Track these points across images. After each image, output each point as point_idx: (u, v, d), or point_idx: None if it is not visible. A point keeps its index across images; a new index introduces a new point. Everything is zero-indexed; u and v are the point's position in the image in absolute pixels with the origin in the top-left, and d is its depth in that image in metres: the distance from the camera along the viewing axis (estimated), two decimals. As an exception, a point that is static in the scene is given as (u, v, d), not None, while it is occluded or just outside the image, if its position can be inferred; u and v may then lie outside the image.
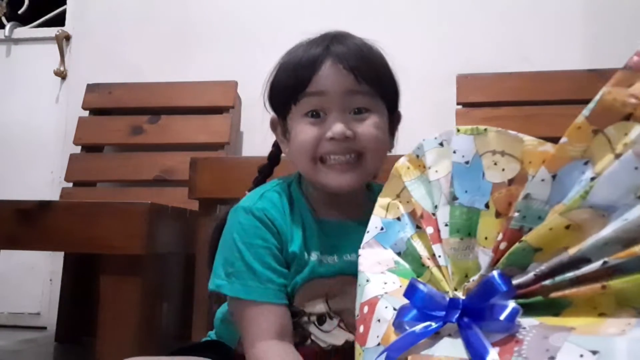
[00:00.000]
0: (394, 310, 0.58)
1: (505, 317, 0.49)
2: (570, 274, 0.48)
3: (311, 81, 0.72)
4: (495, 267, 0.53)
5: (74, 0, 2.30)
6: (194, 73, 2.04)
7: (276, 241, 0.73)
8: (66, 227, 1.18)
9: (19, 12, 2.45)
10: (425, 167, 0.65)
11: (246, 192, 0.82)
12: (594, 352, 0.43)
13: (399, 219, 0.66)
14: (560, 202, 0.51)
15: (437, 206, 0.61)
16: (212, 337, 0.88)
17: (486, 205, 0.57)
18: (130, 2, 2.20)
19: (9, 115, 2.25)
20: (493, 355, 0.48)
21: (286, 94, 0.75)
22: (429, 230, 0.61)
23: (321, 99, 0.72)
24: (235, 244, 0.73)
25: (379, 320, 0.59)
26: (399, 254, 0.65)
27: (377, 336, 0.58)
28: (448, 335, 0.53)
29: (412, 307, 0.55)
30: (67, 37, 2.25)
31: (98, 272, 1.19)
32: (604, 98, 0.50)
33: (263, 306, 0.71)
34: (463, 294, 0.55)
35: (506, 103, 1.82)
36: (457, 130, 0.62)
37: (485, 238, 0.56)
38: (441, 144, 0.63)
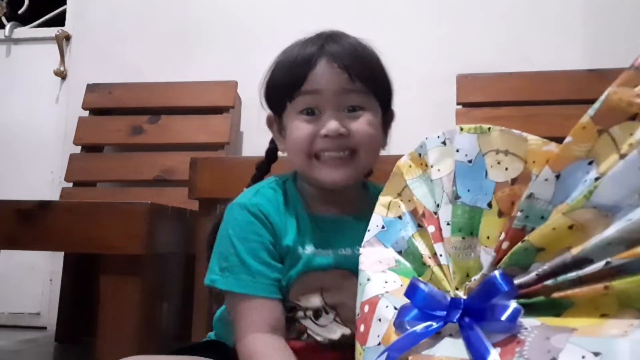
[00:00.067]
0: (394, 309, 0.58)
1: (506, 317, 0.49)
2: (573, 274, 0.48)
3: (306, 80, 0.73)
4: (497, 267, 0.53)
5: (74, 0, 2.30)
6: (194, 73, 2.04)
7: (270, 236, 0.74)
8: (66, 227, 1.18)
9: (19, 12, 2.45)
10: (427, 165, 0.64)
11: (244, 189, 0.82)
12: (596, 354, 0.43)
13: (400, 217, 0.66)
14: (563, 202, 0.51)
15: (439, 205, 0.61)
16: (211, 338, 0.88)
17: (489, 205, 0.57)
18: (130, 2, 2.19)
19: (9, 115, 2.25)
20: (494, 355, 0.47)
21: (282, 92, 0.76)
22: (431, 229, 0.61)
23: (316, 98, 0.74)
24: (230, 239, 0.74)
25: (380, 320, 0.58)
26: (400, 252, 0.64)
27: (378, 335, 0.58)
28: (449, 335, 0.53)
29: (413, 307, 0.55)
30: (67, 37, 2.25)
31: (98, 272, 1.19)
32: (609, 98, 0.50)
33: (255, 300, 0.72)
34: (464, 294, 0.55)
35: (506, 103, 1.82)
36: (461, 129, 0.61)
37: (488, 237, 0.56)
38: (444, 143, 0.63)
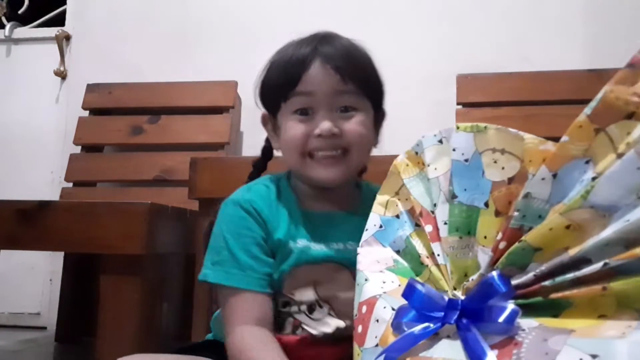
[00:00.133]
0: (392, 310, 0.57)
1: (504, 319, 0.48)
2: (571, 275, 0.47)
3: (300, 81, 0.75)
4: (495, 267, 0.53)
5: (74, 0, 2.30)
6: (194, 73, 2.04)
7: (262, 231, 0.76)
8: (66, 227, 1.18)
9: (19, 12, 2.45)
10: (424, 164, 0.64)
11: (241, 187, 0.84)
12: (594, 356, 0.42)
13: (397, 216, 0.65)
14: (561, 202, 0.50)
15: (436, 204, 0.61)
16: (210, 339, 0.88)
17: (486, 204, 0.56)
18: (130, 2, 2.20)
19: (9, 115, 2.25)
20: (491, 358, 0.47)
21: (276, 92, 0.78)
22: (428, 228, 0.61)
23: (309, 98, 0.76)
24: (222, 234, 0.76)
25: (378, 321, 0.58)
26: (398, 252, 0.64)
27: (376, 337, 0.58)
28: (447, 337, 0.53)
29: (411, 308, 0.55)
30: (67, 37, 2.25)
31: (98, 272, 1.19)
32: (606, 96, 0.49)
33: (244, 293, 0.73)
34: (462, 294, 0.55)
35: (506, 103, 1.82)
36: (457, 128, 0.61)
37: (485, 237, 0.55)
38: (440, 141, 0.63)
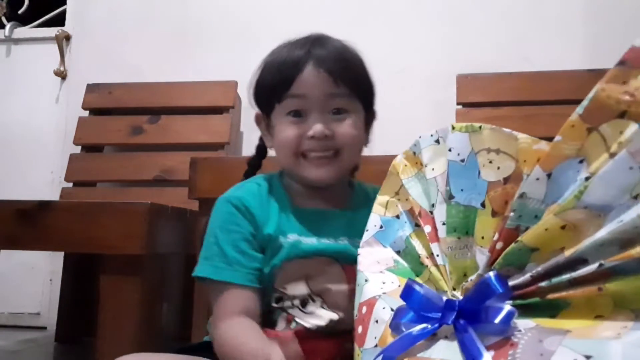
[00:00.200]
0: (391, 311, 0.57)
1: (500, 319, 0.48)
2: (567, 276, 0.47)
3: (294, 84, 0.77)
4: (492, 268, 0.52)
5: (74, 0, 2.30)
6: (194, 73, 2.04)
7: (251, 227, 0.78)
8: (66, 227, 1.18)
9: (19, 12, 2.44)
10: (422, 164, 0.64)
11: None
12: (588, 357, 0.42)
13: (397, 217, 0.65)
14: (556, 202, 0.50)
15: (434, 204, 0.61)
16: (208, 340, 0.88)
17: (482, 204, 0.56)
18: (130, 2, 2.19)
19: (9, 115, 2.25)
20: (487, 359, 0.47)
21: (270, 94, 0.81)
22: (427, 228, 0.61)
23: (303, 101, 0.78)
24: (212, 230, 0.79)
25: (377, 321, 0.58)
26: (398, 252, 0.64)
27: (375, 337, 0.58)
28: (444, 338, 0.53)
29: (409, 309, 0.55)
30: (67, 37, 2.24)
31: (98, 272, 1.19)
32: (597, 95, 0.49)
33: (231, 287, 0.76)
34: (461, 294, 0.55)
35: (506, 103, 1.82)
36: (453, 128, 0.61)
37: (482, 237, 0.55)
38: (437, 141, 0.63)
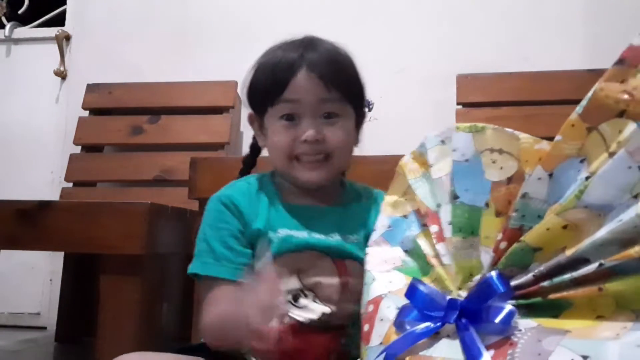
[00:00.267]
0: (396, 309, 0.58)
1: (500, 319, 0.48)
2: (568, 275, 0.47)
3: (287, 88, 0.79)
4: (496, 267, 0.52)
5: (74, 0, 2.30)
6: (194, 73, 2.04)
7: (239, 224, 0.80)
8: (66, 227, 1.18)
9: (19, 12, 2.45)
10: (428, 164, 0.64)
11: None
12: (585, 357, 0.42)
13: (405, 216, 0.66)
14: (558, 201, 0.50)
15: (440, 204, 0.61)
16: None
17: (486, 204, 0.56)
18: (130, 2, 2.19)
19: (9, 115, 2.25)
20: (486, 358, 0.47)
21: (264, 97, 0.82)
22: (433, 228, 0.61)
23: (295, 105, 0.80)
24: (203, 229, 0.81)
25: (382, 320, 0.59)
26: (406, 251, 0.64)
27: (380, 335, 0.58)
28: (447, 337, 0.53)
29: (413, 307, 0.55)
30: (67, 37, 2.24)
31: (98, 272, 1.19)
32: (596, 94, 0.49)
33: (218, 282, 0.77)
34: (467, 294, 0.55)
35: (506, 103, 1.82)
36: (457, 128, 0.61)
37: (487, 237, 0.55)
38: (443, 142, 0.63)
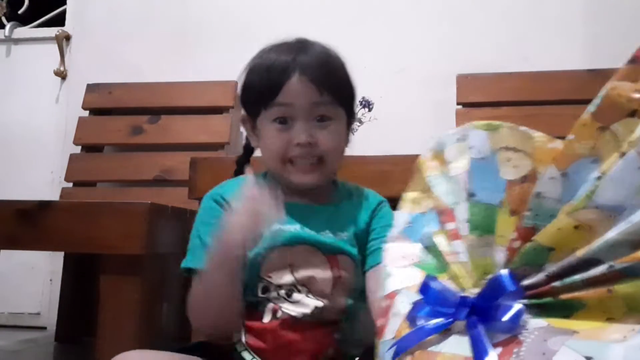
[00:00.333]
0: (410, 305, 0.58)
1: (508, 318, 0.48)
2: (578, 276, 0.47)
3: (280, 92, 0.80)
4: (509, 266, 0.52)
5: (74, 0, 2.30)
6: (194, 73, 2.04)
7: None
8: (66, 227, 1.18)
9: (19, 12, 2.45)
10: (446, 162, 0.64)
11: None
12: (588, 358, 0.42)
13: (424, 213, 0.66)
14: (571, 201, 0.49)
15: (457, 202, 0.61)
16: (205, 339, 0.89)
17: (501, 203, 0.56)
18: (130, 2, 2.19)
19: (9, 115, 2.25)
20: (492, 356, 0.47)
21: (257, 100, 0.84)
22: (450, 226, 0.61)
23: (289, 109, 0.81)
24: (195, 226, 0.84)
25: (396, 315, 0.59)
26: (425, 248, 0.64)
27: (393, 330, 0.58)
28: (457, 333, 0.53)
29: (425, 303, 0.56)
30: (67, 37, 2.24)
31: (98, 272, 1.19)
32: (608, 93, 0.48)
33: None
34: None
35: (506, 103, 1.82)
36: (473, 126, 0.62)
37: (501, 236, 0.55)
38: (460, 139, 0.63)
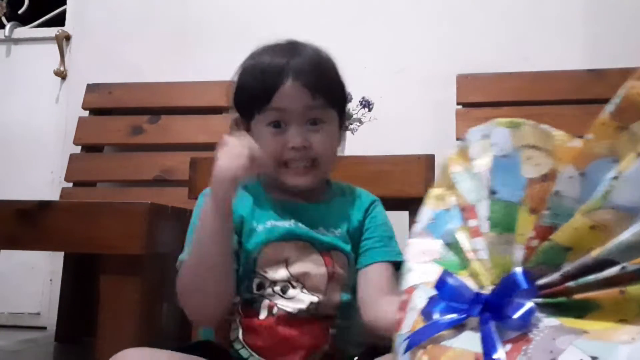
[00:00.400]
0: (427, 299, 0.58)
1: (519, 315, 0.49)
2: (592, 277, 0.47)
3: (274, 97, 0.82)
4: (526, 265, 0.52)
5: (74, 0, 2.30)
6: (194, 73, 2.04)
7: None
8: (66, 227, 1.18)
9: (19, 12, 2.45)
10: (470, 159, 0.64)
11: None
12: (594, 358, 0.42)
13: (448, 210, 0.66)
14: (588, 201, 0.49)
15: (479, 199, 0.61)
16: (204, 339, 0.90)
17: (522, 201, 0.56)
18: (130, 2, 2.19)
19: (9, 115, 2.25)
20: (501, 353, 0.48)
21: (251, 104, 0.85)
22: (472, 223, 0.61)
23: (282, 114, 0.83)
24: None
25: (413, 309, 0.60)
26: (447, 245, 0.64)
27: (409, 324, 0.59)
28: (470, 329, 0.53)
29: (441, 299, 0.56)
30: (67, 37, 2.25)
31: (98, 272, 1.19)
32: (628, 93, 0.47)
33: None
34: None
35: (506, 103, 1.82)
36: (496, 123, 0.62)
37: (521, 234, 0.55)
38: (484, 137, 0.63)
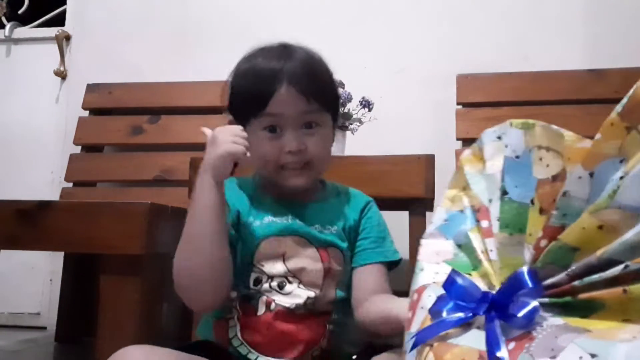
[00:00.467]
0: (435, 299, 0.59)
1: (523, 314, 0.49)
2: (597, 276, 0.47)
3: (269, 103, 0.84)
4: (534, 265, 0.52)
5: (74, 0, 2.30)
6: (194, 73, 2.04)
7: None
8: (66, 227, 1.18)
9: (19, 12, 2.45)
10: (484, 160, 0.65)
11: None
12: (593, 356, 0.43)
13: (462, 211, 0.66)
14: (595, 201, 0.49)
15: (491, 200, 0.61)
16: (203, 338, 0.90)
17: (532, 201, 0.56)
18: (130, 2, 2.19)
19: (9, 115, 2.25)
20: (504, 352, 0.48)
21: (247, 109, 0.87)
22: (484, 224, 0.61)
23: (278, 119, 0.85)
24: None
25: (422, 308, 0.60)
26: (459, 246, 0.65)
27: (418, 322, 0.60)
28: (477, 328, 0.54)
29: (449, 298, 0.56)
30: (67, 37, 2.24)
31: (98, 272, 1.19)
32: (636, 93, 0.48)
33: None
34: None
35: (506, 103, 1.82)
36: (510, 124, 0.62)
37: (530, 235, 0.55)
38: (498, 138, 0.63)
